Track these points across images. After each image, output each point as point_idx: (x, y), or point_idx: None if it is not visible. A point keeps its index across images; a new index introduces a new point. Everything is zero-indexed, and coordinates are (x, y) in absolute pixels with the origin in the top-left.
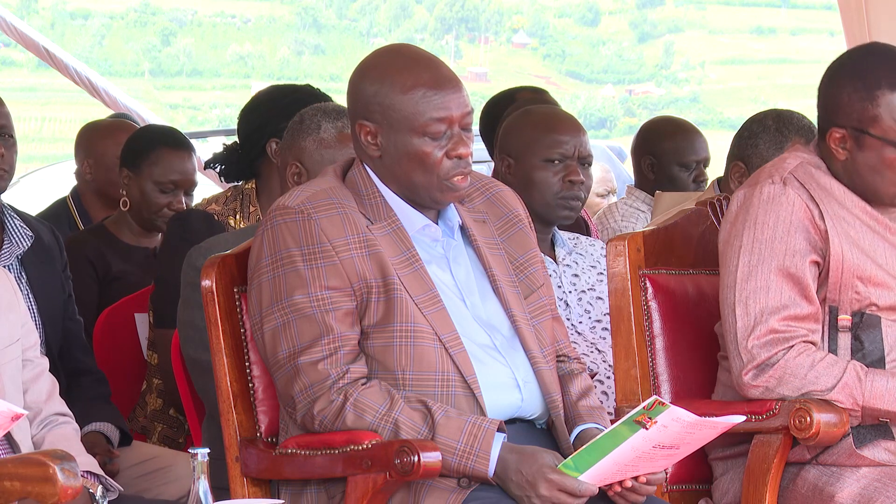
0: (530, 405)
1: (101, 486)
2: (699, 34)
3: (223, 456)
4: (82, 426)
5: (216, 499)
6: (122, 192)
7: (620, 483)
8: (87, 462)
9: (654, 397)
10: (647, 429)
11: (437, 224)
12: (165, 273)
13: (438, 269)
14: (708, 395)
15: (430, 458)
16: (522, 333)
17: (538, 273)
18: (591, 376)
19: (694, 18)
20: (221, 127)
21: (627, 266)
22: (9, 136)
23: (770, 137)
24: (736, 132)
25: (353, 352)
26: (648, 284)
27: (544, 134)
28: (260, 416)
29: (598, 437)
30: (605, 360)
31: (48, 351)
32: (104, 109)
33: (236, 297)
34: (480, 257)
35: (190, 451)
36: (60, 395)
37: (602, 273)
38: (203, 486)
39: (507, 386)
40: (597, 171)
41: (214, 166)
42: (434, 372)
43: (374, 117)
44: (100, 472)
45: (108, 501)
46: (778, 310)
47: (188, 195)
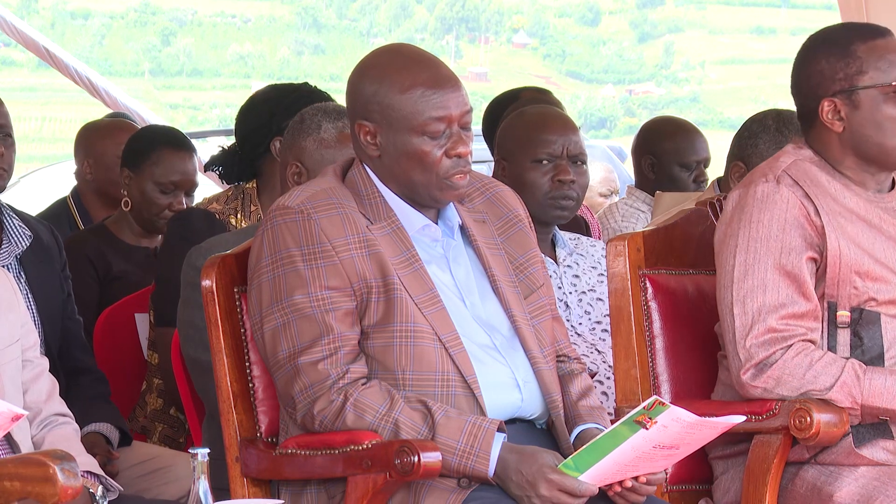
0: (530, 405)
1: (101, 486)
2: (699, 34)
3: (223, 456)
4: (82, 426)
5: (216, 499)
6: (123, 192)
7: (620, 483)
8: (88, 462)
9: (654, 397)
10: (647, 429)
11: (436, 224)
12: (166, 272)
13: (438, 269)
14: (708, 395)
15: (431, 458)
16: (522, 333)
17: (538, 273)
18: (591, 376)
19: (694, 18)
20: (221, 127)
21: (627, 266)
22: (7, 135)
23: (770, 137)
24: (736, 132)
25: (353, 352)
26: (648, 284)
27: (532, 134)
28: (260, 416)
29: (598, 437)
30: (605, 361)
31: (47, 350)
32: (104, 109)
33: (236, 297)
34: (480, 257)
35: (190, 451)
36: (60, 394)
37: (603, 274)
38: (203, 486)
39: (507, 386)
40: (600, 171)
41: (214, 168)
42: (434, 372)
43: (374, 117)
44: (100, 472)
45: (109, 501)
46: (776, 308)
47: (189, 196)
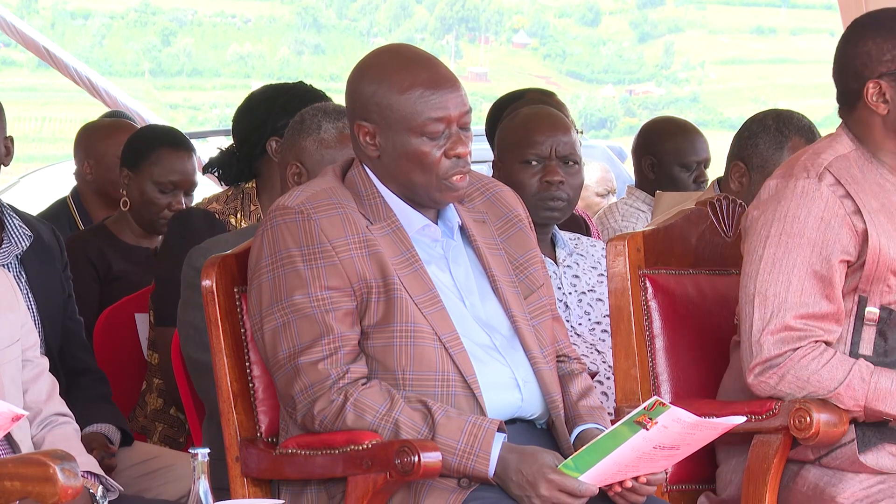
0: (530, 405)
1: (101, 486)
2: (699, 34)
3: (223, 456)
4: (83, 426)
5: (216, 499)
6: (122, 192)
7: (621, 483)
8: (88, 462)
9: (654, 398)
10: (647, 429)
11: (436, 224)
12: (165, 271)
13: (438, 269)
14: (708, 395)
15: (431, 458)
16: (522, 333)
17: (538, 273)
18: (591, 376)
19: (694, 18)
20: (221, 127)
21: (627, 266)
22: None
23: (770, 137)
24: (736, 132)
25: (353, 352)
26: (648, 284)
27: (521, 136)
28: (260, 416)
29: (598, 437)
30: (604, 361)
31: (47, 350)
32: (104, 109)
33: (236, 297)
34: (480, 258)
35: (190, 451)
36: (60, 394)
37: (603, 274)
38: (203, 486)
39: (507, 386)
40: (597, 170)
41: (213, 170)
42: (434, 372)
43: (373, 117)
44: (100, 472)
45: (109, 501)
46: (796, 306)
47: (188, 195)
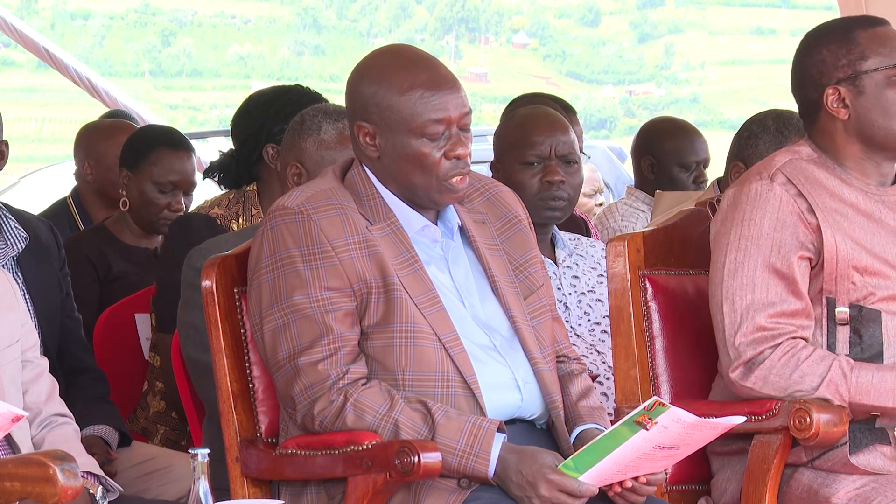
0: (530, 405)
1: (101, 487)
2: (699, 35)
3: (223, 456)
4: (82, 426)
5: (216, 499)
6: (121, 192)
7: (620, 483)
8: (88, 462)
9: (654, 398)
10: (647, 430)
11: (436, 225)
12: (167, 276)
13: (437, 270)
14: (708, 395)
15: (430, 458)
16: (522, 334)
17: (538, 274)
18: (593, 378)
19: (694, 19)
20: (221, 127)
21: (627, 266)
22: None
23: (770, 138)
24: (736, 132)
25: (353, 352)
26: (648, 285)
27: (519, 137)
28: (260, 417)
29: (598, 437)
30: (604, 362)
31: (45, 350)
32: (104, 110)
33: (236, 297)
34: (480, 258)
35: (190, 451)
36: (59, 394)
37: (602, 275)
38: (203, 487)
39: (507, 386)
40: (584, 170)
41: (213, 175)
42: (434, 372)
43: (372, 118)
44: (100, 472)
45: (108, 502)
46: (765, 306)
47: (187, 195)
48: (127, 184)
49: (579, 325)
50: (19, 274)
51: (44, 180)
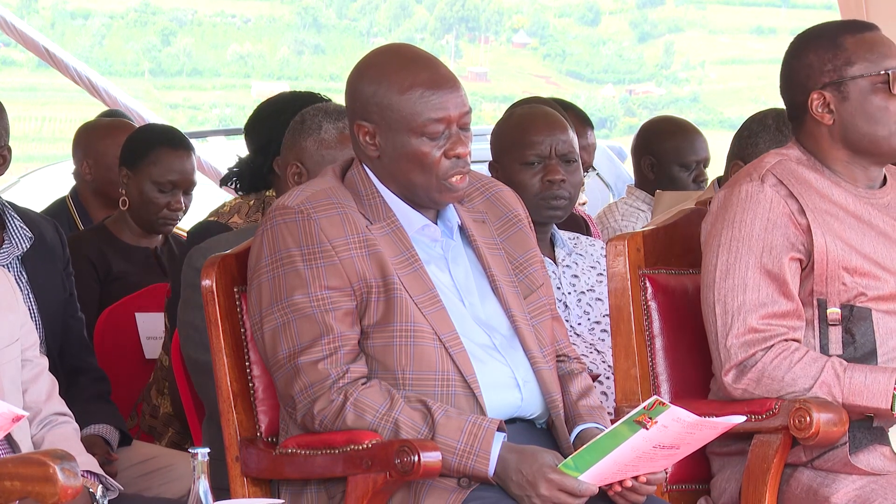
0: (530, 405)
1: (101, 486)
2: (699, 34)
3: (223, 456)
4: (82, 425)
5: (216, 499)
6: (121, 191)
7: (620, 483)
8: (88, 461)
9: (654, 397)
10: (647, 429)
11: (436, 224)
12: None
13: (437, 269)
14: (707, 395)
15: (431, 457)
16: (522, 333)
17: (538, 273)
18: (593, 378)
19: (694, 18)
20: (221, 127)
21: (627, 266)
22: None
23: (770, 137)
24: (736, 131)
25: (353, 352)
26: (648, 284)
27: (519, 137)
28: (260, 416)
29: (598, 436)
30: (604, 361)
31: (47, 349)
32: (104, 109)
33: (236, 296)
34: (480, 257)
35: (190, 450)
36: (60, 393)
37: (602, 274)
38: (203, 486)
39: (507, 385)
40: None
41: (231, 182)
42: (434, 371)
43: (372, 118)
44: (100, 471)
45: (108, 501)
46: (756, 307)
47: (187, 195)
48: (126, 183)
49: (579, 324)
50: (23, 273)
51: (43, 180)
